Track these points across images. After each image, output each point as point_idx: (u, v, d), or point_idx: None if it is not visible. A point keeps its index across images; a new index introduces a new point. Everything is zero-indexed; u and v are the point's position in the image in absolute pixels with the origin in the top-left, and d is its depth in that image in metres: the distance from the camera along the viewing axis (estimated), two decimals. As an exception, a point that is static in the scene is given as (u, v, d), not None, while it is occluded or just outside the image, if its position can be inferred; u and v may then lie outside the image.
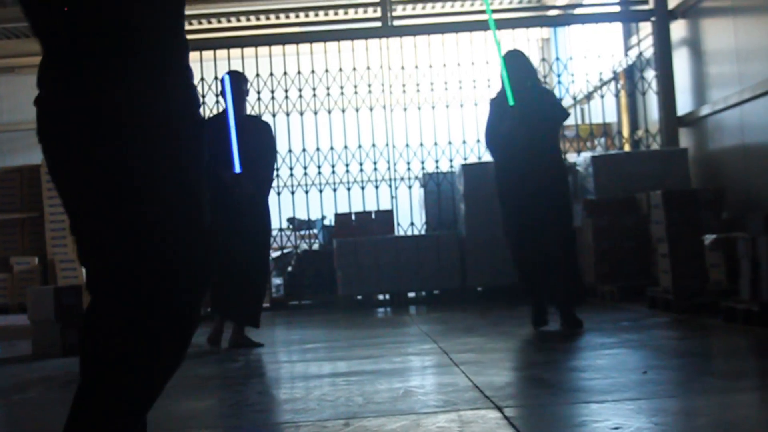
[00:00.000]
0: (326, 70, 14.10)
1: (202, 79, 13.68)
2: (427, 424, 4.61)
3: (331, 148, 14.05)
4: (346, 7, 16.16)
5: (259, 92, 13.92)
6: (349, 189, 14.04)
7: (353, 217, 13.80)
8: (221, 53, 13.94)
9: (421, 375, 6.77)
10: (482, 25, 13.95)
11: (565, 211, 8.68)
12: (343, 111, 14.06)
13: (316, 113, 14.05)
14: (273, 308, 13.46)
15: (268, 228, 9.00)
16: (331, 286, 13.56)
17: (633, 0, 14.17)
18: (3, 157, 19.37)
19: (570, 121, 16.49)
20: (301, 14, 15.94)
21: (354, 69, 14.09)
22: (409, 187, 14.31)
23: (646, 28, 13.89)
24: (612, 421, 4.45)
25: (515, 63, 8.68)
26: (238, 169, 8.25)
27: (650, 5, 13.49)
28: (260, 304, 8.83)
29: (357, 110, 14.09)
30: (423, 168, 14.17)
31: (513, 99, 8.34)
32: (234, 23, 16.63)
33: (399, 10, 15.42)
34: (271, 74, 13.92)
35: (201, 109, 3.16)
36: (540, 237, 8.48)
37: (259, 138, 8.63)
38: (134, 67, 2.98)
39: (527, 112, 8.41)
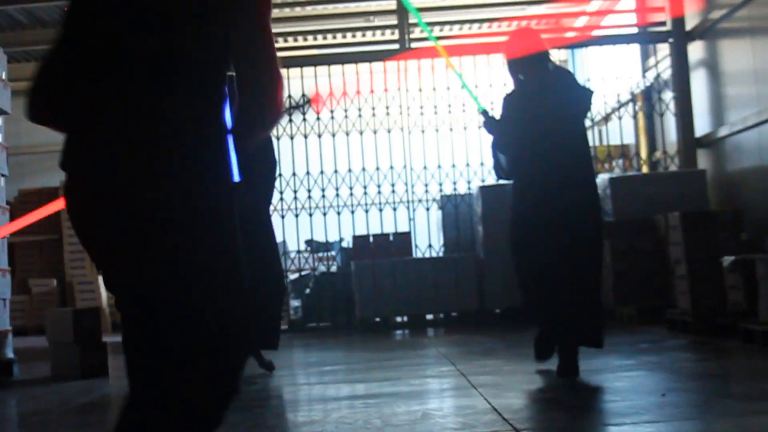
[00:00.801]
0: (344, 93, 14.13)
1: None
2: (445, 447, 4.60)
3: (349, 170, 14.07)
4: (363, 29, 16.20)
5: (277, 114, 13.94)
6: (366, 211, 14.05)
7: (371, 239, 13.80)
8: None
9: (440, 397, 6.76)
10: (499, 48, 13.99)
11: (595, 235, 7.25)
12: (361, 133, 14.09)
13: (334, 135, 14.08)
14: (291, 330, 13.49)
15: (275, 243, 8.86)
16: (349, 309, 13.57)
17: (650, 22, 14.18)
18: (22, 179, 19.42)
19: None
20: (319, 37, 15.99)
21: (372, 91, 14.12)
22: (427, 209, 14.31)
23: (663, 49, 13.89)
24: (631, 443, 4.44)
25: (529, 42, 7.41)
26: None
27: (668, 27, 13.49)
28: (278, 325, 8.70)
29: (375, 132, 14.11)
30: (441, 190, 14.17)
31: (480, 104, 7.81)
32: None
33: (417, 32, 15.45)
34: (289, 96, 13.97)
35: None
36: (558, 268, 7.04)
37: (258, 148, 8.36)
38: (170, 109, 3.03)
39: (548, 105, 7.17)
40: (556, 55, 18.81)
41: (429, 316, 13.58)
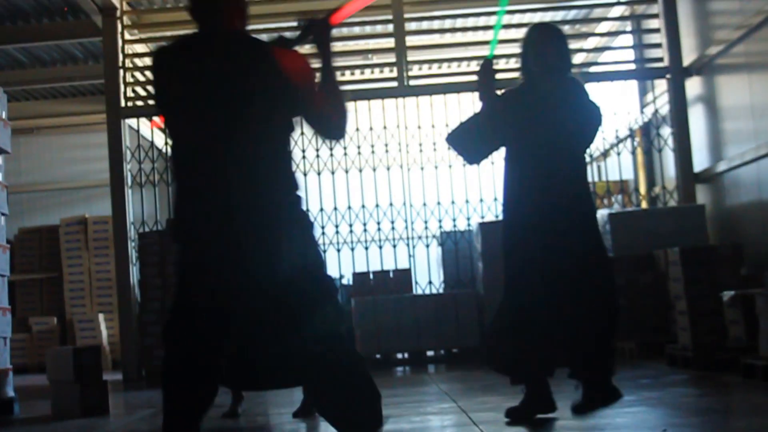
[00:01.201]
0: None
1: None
2: (446, 484, 4.59)
3: (349, 208, 14.09)
4: (362, 67, 16.26)
5: (276, 152, 13.99)
6: (366, 248, 14.06)
7: (371, 276, 13.79)
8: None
9: (441, 434, 6.75)
10: (501, 84, 13.99)
11: (603, 274, 6.36)
12: (361, 170, 14.11)
13: (333, 173, 14.10)
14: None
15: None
16: (350, 345, 13.53)
17: (648, 58, 14.24)
18: (21, 218, 19.44)
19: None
20: (318, 75, 16.04)
21: (371, 129, 14.15)
22: (427, 246, 14.32)
23: (661, 85, 13.94)
24: (632, 479, 4.43)
25: (556, 41, 6.45)
26: None
27: (665, 63, 13.55)
28: None
29: (374, 170, 14.13)
30: (440, 227, 14.19)
31: (492, 51, 6.78)
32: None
33: (415, 69, 15.50)
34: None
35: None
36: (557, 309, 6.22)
37: None
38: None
39: (553, 117, 6.29)
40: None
41: (430, 353, 13.55)
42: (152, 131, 14.46)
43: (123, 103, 13.81)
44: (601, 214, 12.71)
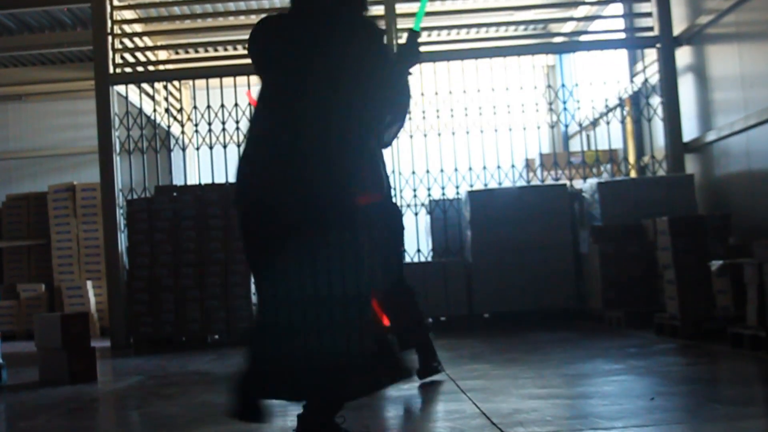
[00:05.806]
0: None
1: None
2: (434, 451, 4.59)
3: (338, 175, 14.03)
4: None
5: (265, 119, 13.96)
6: (355, 216, 14.02)
7: (360, 243, 13.75)
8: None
9: (428, 402, 6.75)
10: (489, 53, 14.00)
11: None
12: (350, 138, 14.05)
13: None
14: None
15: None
16: (338, 313, 13.53)
17: (638, 27, 14.20)
18: (10, 185, 19.41)
19: (576, 148, 16.52)
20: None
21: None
22: (416, 214, 14.28)
23: (651, 54, 13.90)
24: (619, 447, 4.44)
25: None
26: None
27: (655, 32, 13.51)
28: None
29: (363, 137, 14.07)
30: (429, 195, 14.16)
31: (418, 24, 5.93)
32: (238, 51, 16.70)
33: (405, 37, 15.43)
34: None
35: None
36: None
37: None
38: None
39: None
40: (545, 61, 18.86)
41: (418, 321, 13.54)
42: (140, 98, 14.39)
43: (111, 70, 13.75)
44: (591, 183, 12.73)
